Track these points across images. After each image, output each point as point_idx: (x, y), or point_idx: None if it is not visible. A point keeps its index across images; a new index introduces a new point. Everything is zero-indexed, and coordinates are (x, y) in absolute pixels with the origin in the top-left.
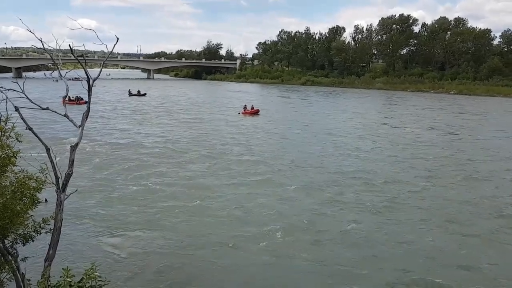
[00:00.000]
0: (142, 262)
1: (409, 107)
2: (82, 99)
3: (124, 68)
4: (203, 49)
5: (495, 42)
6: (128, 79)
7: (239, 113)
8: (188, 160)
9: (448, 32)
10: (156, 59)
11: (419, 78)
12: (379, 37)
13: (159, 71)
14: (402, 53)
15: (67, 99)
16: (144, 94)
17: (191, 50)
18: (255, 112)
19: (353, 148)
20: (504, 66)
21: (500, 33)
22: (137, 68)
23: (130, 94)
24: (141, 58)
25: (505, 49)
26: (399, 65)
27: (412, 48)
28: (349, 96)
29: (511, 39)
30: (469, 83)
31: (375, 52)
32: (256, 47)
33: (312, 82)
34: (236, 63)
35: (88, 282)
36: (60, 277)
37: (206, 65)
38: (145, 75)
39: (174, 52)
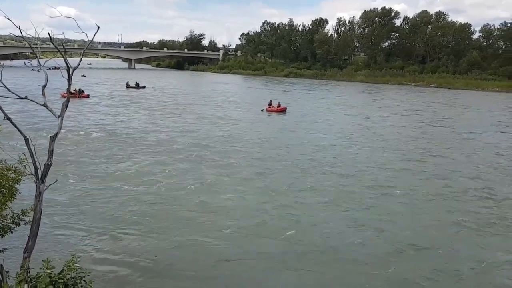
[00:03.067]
0: (124, 254)
1: (390, 100)
2: (83, 92)
3: (104, 57)
4: (185, 39)
5: (475, 36)
6: (109, 69)
7: (262, 110)
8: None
9: (429, 26)
10: (138, 48)
11: (400, 71)
12: (361, 30)
13: (140, 61)
14: (383, 46)
15: (66, 92)
16: (143, 87)
17: (173, 40)
18: (282, 110)
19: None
20: (482, 60)
21: (479, 27)
22: (118, 57)
23: (128, 86)
24: (122, 48)
25: (484, 44)
26: (381, 58)
27: (393, 41)
28: (332, 88)
29: (490, 33)
30: (449, 76)
31: (357, 45)
32: (239, 38)
33: (295, 74)
34: (219, 54)
35: (69, 274)
36: (40, 268)
37: (189, 56)
38: (126, 64)
39: (156, 42)
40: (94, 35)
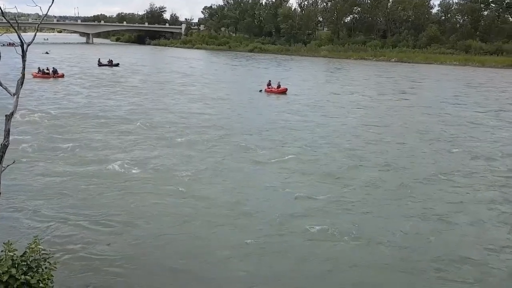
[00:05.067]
0: (87, 237)
1: (354, 75)
2: (57, 71)
3: (61, 32)
4: (145, 12)
5: (434, 10)
6: (67, 44)
7: (261, 91)
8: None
9: (390, 0)
10: (96, 22)
11: (362, 46)
12: (325, 4)
13: (98, 35)
14: (346, 21)
15: (39, 72)
16: (117, 64)
17: (133, 14)
18: (282, 91)
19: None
20: (441, 34)
21: (438, 2)
22: (75, 32)
23: (100, 64)
24: (79, 22)
25: (443, 18)
26: (343, 33)
27: (355, 16)
28: (298, 64)
29: (448, 8)
30: (409, 51)
31: (321, 20)
32: (202, 12)
33: (260, 49)
34: (181, 28)
35: (32, 256)
36: (2, 251)
37: (150, 30)
38: (83, 39)
39: (114, 16)
40: (49, 8)
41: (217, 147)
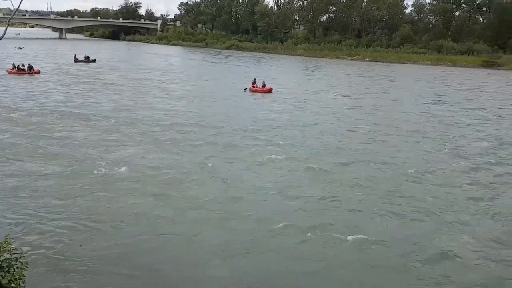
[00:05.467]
0: (60, 237)
1: (331, 73)
2: (33, 68)
3: (33, 27)
4: (120, 7)
5: (407, 10)
6: (40, 40)
7: (245, 90)
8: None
9: (365, 0)
10: (69, 17)
11: (337, 45)
12: (301, 2)
13: (72, 30)
14: (322, 20)
15: (14, 68)
16: (94, 60)
17: (107, 9)
18: (267, 91)
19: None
20: (414, 34)
21: (412, 2)
22: (47, 27)
23: (76, 60)
24: (52, 16)
25: (416, 18)
26: (319, 32)
27: (331, 15)
28: (276, 62)
29: (421, 8)
30: (383, 50)
31: (297, 18)
32: (178, 8)
33: (237, 47)
34: (157, 24)
35: (3, 255)
36: None
37: (124, 25)
38: (56, 34)
39: (88, 10)
40: (20, 3)
41: (202, 146)
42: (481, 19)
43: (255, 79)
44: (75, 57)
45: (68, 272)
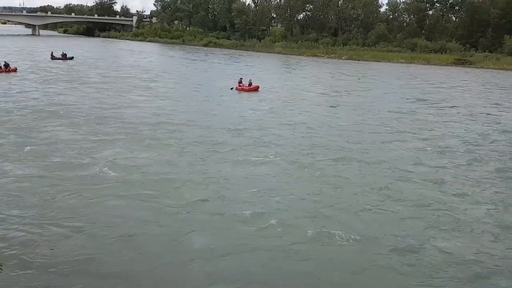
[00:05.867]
0: (33, 239)
1: (309, 71)
2: (9, 65)
3: (5, 23)
4: (95, 3)
5: (382, 9)
6: (12, 36)
7: (232, 88)
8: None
9: None
10: (42, 13)
11: (314, 44)
12: (278, 0)
13: (45, 26)
14: (299, 18)
15: None
16: (71, 58)
17: (81, 5)
18: (254, 89)
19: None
20: (389, 32)
21: (387, 1)
22: (20, 23)
23: (53, 57)
24: (25, 13)
25: (391, 17)
26: (297, 30)
27: (308, 13)
28: (257, 59)
29: (396, 6)
30: (359, 49)
31: (275, 16)
32: (154, 4)
33: (215, 44)
34: (132, 20)
35: None
36: None
37: (99, 21)
38: (29, 31)
39: (62, 6)
40: None
41: (190, 146)
42: (453, 18)
43: (241, 78)
44: (51, 54)
45: (39, 274)
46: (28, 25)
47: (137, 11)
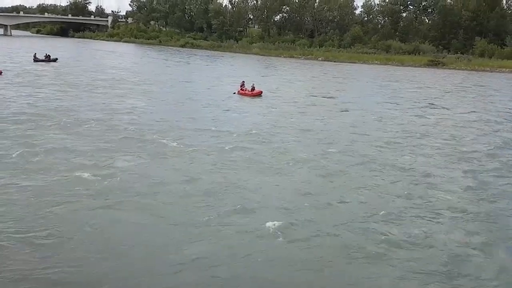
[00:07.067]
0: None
1: (302, 73)
2: None
3: None
4: (69, 3)
5: (357, 11)
6: None
7: (234, 93)
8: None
9: (317, 0)
10: (14, 13)
11: (291, 45)
12: (255, 2)
13: (17, 27)
14: (276, 19)
15: None
16: (55, 59)
17: (55, 5)
18: (257, 94)
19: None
20: (364, 34)
21: (362, 3)
22: None
23: (36, 59)
24: None
25: (366, 19)
26: (274, 31)
27: (285, 15)
28: (242, 61)
29: (371, 9)
30: (335, 50)
31: (252, 17)
32: (130, 4)
33: (192, 45)
34: (107, 21)
35: None
36: None
37: (73, 22)
38: (1, 31)
39: (35, 6)
40: None
41: (201, 154)
42: (426, 20)
43: (243, 81)
44: (34, 56)
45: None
46: None
47: (112, 11)
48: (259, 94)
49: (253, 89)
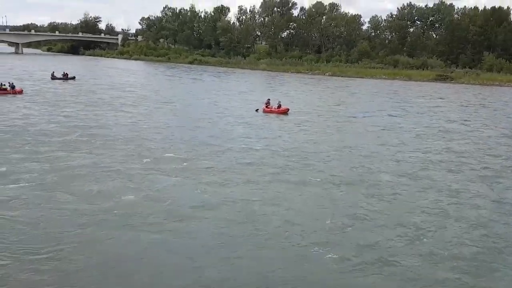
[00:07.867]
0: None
1: (310, 89)
2: (15, 87)
3: None
4: (79, 22)
5: (365, 27)
6: None
7: (257, 110)
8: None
9: (324, 17)
10: (26, 32)
11: (298, 61)
12: (262, 19)
13: (29, 45)
14: (283, 35)
15: None
16: (73, 78)
17: (65, 23)
18: (283, 112)
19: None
20: (371, 49)
21: (368, 19)
22: (2, 41)
23: (54, 77)
24: (8, 31)
25: (373, 34)
26: (281, 47)
27: (292, 31)
28: (252, 77)
29: (378, 24)
30: (342, 65)
31: (259, 34)
32: (139, 22)
33: (200, 61)
34: (117, 38)
35: None
36: None
37: (84, 39)
38: (12, 49)
39: (46, 25)
40: None
41: (235, 171)
42: (434, 35)
43: (268, 99)
44: (52, 74)
45: None
46: (11, 43)
47: (122, 29)
48: (286, 112)
49: (279, 106)
